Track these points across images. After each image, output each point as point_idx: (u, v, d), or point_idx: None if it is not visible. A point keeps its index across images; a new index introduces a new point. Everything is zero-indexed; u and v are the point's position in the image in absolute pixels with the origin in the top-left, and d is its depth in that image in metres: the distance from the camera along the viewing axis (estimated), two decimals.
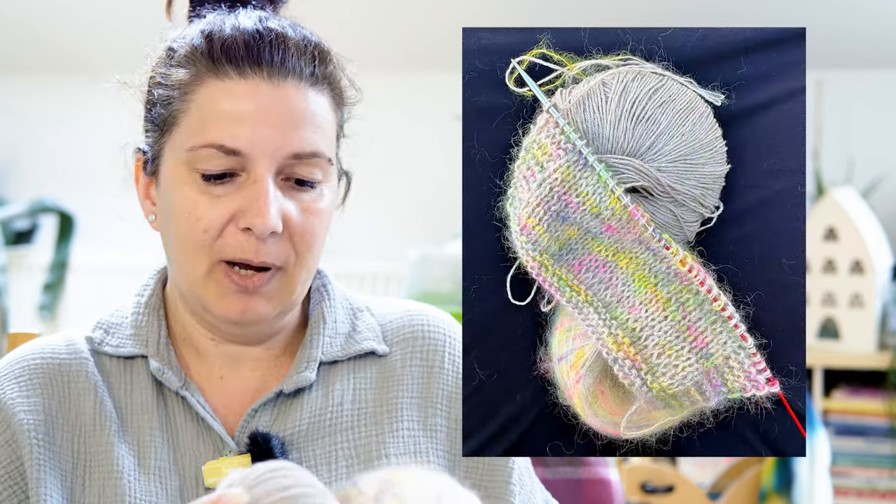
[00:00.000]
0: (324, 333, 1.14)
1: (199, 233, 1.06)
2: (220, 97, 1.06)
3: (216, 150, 1.05)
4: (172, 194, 1.07)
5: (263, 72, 1.06)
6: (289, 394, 1.11)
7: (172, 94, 1.08)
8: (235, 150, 1.04)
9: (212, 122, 1.05)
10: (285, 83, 1.06)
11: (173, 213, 1.07)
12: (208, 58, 1.07)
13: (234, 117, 1.05)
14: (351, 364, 1.14)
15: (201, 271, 1.07)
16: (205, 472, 1.08)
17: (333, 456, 1.10)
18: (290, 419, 1.11)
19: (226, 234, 1.06)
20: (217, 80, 1.06)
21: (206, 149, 1.05)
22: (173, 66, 1.09)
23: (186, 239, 1.06)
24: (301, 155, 1.06)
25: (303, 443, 1.10)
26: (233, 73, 1.06)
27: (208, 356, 1.13)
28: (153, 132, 1.10)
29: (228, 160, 1.05)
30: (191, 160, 1.06)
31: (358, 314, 1.18)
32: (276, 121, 1.05)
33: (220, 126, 1.05)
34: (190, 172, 1.06)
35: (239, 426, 1.10)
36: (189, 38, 1.09)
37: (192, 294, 1.09)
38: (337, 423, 1.11)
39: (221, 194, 1.05)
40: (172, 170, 1.08)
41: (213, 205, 1.05)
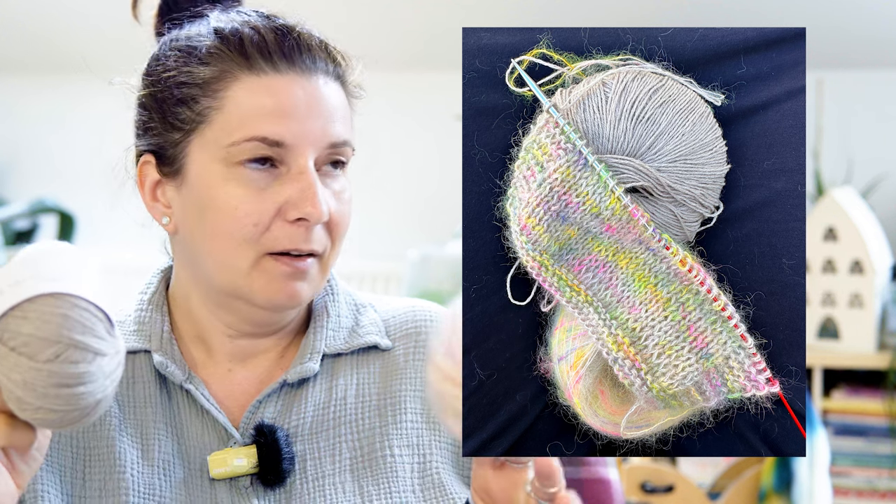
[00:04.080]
0: (327, 326, 1.16)
1: (248, 227, 1.07)
2: (258, 92, 1.07)
3: (260, 142, 1.06)
4: (211, 191, 1.08)
5: (296, 67, 1.08)
6: (293, 385, 1.13)
7: (196, 91, 1.08)
8: (279, 142, 1.07)
9: (254, 117, 1.07)
10: (315, 77, 1.09)
11: (212, 210, 1.08)
12: (239, 54, 1.08)
13: (278, 111, 1.07)
14: (354, 358, 1.16)
15: (247, 264, 1.08)
16: (210, 462, 1.09)
17: (337, 448, 1.12)
18: (295, 411, 1.12)
19: (273, 228, 1.07)
20: (252, 76, 1.08)
21: (249, 142, 1.07)
22: (196, 64, 1.09)
23: (231, 234, 1.07)
24: (336, 144, 1.10)
25: (307, 435, 1.12)
26: (267, 69, 1.08)
27: (219, 350, 1.14)
28: (169, 132, 1.10)
29: (271, 152, 1.07)
30: (231, 155, 1.07)
31: (361, 309, 1.20)
32: (315, 113, 1.08)
33: (264, 120, 1.06)
34: (229, 168, 1.07)
35: (244, 418, 1.11)
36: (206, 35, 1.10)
37: (232, 287, 1.10)
38: (341, 416, 1.13)
39: (264, 187, 1.07)
40: (206, 167, 1.08)
41: (259, 198, 1.07)
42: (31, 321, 0.89)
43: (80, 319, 0.90)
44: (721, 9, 3.38)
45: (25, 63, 4.02)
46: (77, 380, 0.89)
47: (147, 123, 1.12)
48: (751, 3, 3.39)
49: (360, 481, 1.11)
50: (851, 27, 3.38)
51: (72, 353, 0.89)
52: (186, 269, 1.14)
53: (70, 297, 0.90)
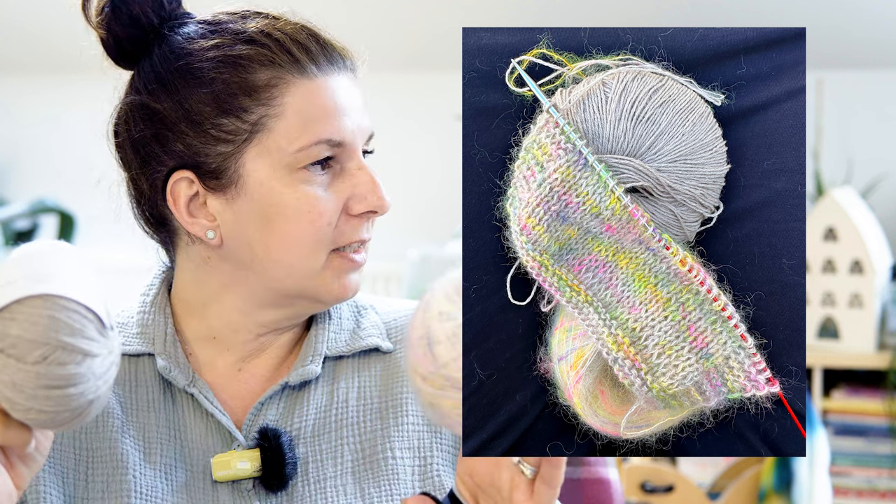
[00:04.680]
0: (329, 329, 1.16)
1: (323, 227, 1.09)
2: (314, 95, 1.09)
3: (325, 144, 1.09)
4: (279, 198, 1.08)
5: (332, 67, 1.11)
6: (295, 388, 1.13)
7: (246, 101, 1.08)
8: (341, 142, 1.10)
9: (316, 120, 1.08)
10: (344, 75, 1.12)
11: (282, 217, 1.08)
12: (289, 59, 1.09)
13: (335, 112, 1.09)
14: (356, 360, 1.16)
15: (320, 264, 1.10)
16: (213, 464, 1.09)
17: (339, 451, 1.12)
18: (297, 414, 1.12)
19: (339, 223, 1.10)
20: (305, 80, 1.09)
21: (316, 146, 1.08)
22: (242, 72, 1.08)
23: (306, 237, 1.09)
24: (371, 136, 1.14)
25: (309, 438, 1.12)
26: (316, 71, 1.10)
27: (235, 351, 1.14)
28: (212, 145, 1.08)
29: (332, 152, 1.09)
30: (297, 161, 1.08)
31: (362, 312, 1.20)
32: (357, 108, 1.12)
33: (326, 122, 1.09)
34: (294, 173, 1.08)
35: (246, 420, 1.11)
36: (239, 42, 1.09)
37: (300, 288, 1.11)
38: (343, 419, 1.13)
39: (327, 185, 1.09)
40: (269, 175, 1.08)
41: (328, 198, 1.09)
42: (19, 323, 0.89)
43: (68, 321, 0.89)
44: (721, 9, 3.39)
45: (25, 63, 4.02)
46: (66, 381, 0.89)
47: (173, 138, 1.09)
48: (751, 3, 3.39)
49: (361, 484, 1.11)
50: (851, 27, 3.38)
51: (60, 354, 0.88)
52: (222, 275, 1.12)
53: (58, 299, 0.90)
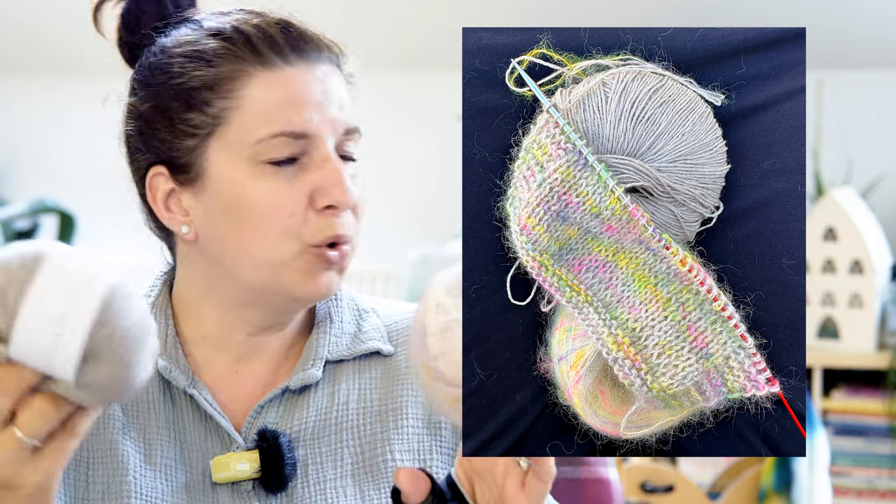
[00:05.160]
0: (330, 332, 1.16)
1: (285, 218, 1.07)
2: (275, 86, 1.08)
3: (287, 137, 1.07)
4: (241, 191, 1.07)
5: (302, 58, 1.09)
6: (295, 391, 1.13)
7: (208, 95, 1.08)
8: (304, 134, 1.07)
9: (275, 111, 1.07)
10: (320, 67, 1.10)
11: (245, 209, 1.07)
12: (250, 51, 1.08)
13: (297, 103, 1.07)
14: (357, 363, 1.16)
15: (287, 256, 1.08)
16: (213, 466, 1.08)
17: (339, 454, 1.12)
18: (297, 417, 1.12)
19: (309, 219, 1.08)
20: (266, 71, 1.08)
21: (276, 138, 1.07)
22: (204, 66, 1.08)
23: (268, 230, 1.07)
24: (350, 130, 1.11)
25: (308, 440, 1.12)
26: (279, 62, 1.08)
27: (228, 352, 1.14)
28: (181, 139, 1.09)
29: (296, 144, 1.07)
30: (257, 153, 1.07)
31: (364, 315, 1.19)
32: (328, 101, 1.09)
33: (286, 113, 1.07)
34: (256, 165, 1.07)
35: (246, 422, 1.11)
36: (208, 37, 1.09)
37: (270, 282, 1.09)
38: (343, 422, 1.13)
39: (292, 178, 1.08)
40: (230, 168, 1.08)
41: (291, 188, 1.07)
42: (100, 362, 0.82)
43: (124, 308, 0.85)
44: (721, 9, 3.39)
45: (25, 63, 4.02)
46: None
47: (151, 135, 1.10)
48: (751, 3, 3.39)
49: (361, 486, 1.11)
50: (851, 27, 3.39)
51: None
52: (203, 273, 1.13)
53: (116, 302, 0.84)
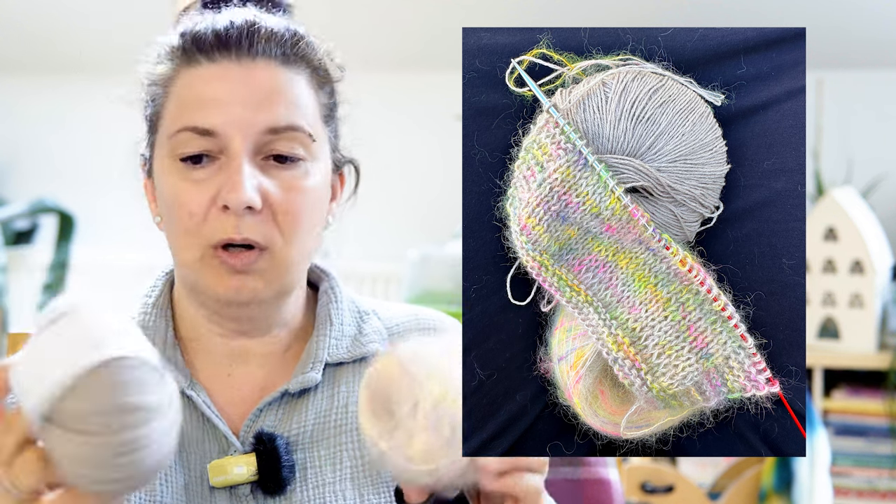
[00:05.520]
0: (330, 335, 1.15)
1: (186, 218, 1.07)
2: (193, 83, 1.08)
3: (191, 132, 1.06)
4: (161, 186, 1.10)
5: (232, 55, 1.08)
6: (294, 394, 1.12)
7: (158, 91, 1.11)
8: (209, 130, 1.06)
9: (186, 107, 1.07)
10: (254, 64, 1.08)
11: (165, 205, 1.10)
12: (182, 51, 1.10)
13: (206, 99, 1.07)
14: (356, 366, 1.15)
15: (195, 256, 1.08)
16: (210, 470, 1.08)
17: (338, 457, 1.11)
18: (296, 419, 1.11)
19: (209, 218, 1.06)
20: (190, 69, 1.09)
21: (182, 132, 1.07)
22: (156, 64, 1.12)
23: (177, 226, 1.08)
24: (276, 129, 1.07)
25: (307, 443, 1.11)
26: (203, 60, 1.08)
27: (216, 354, 1.14)
28: (148, 133, 1.13)
29: (204, 142, 1.06)
30: (172, 148, 1.08)
31: (364, 317, 1.19)
32: (246, 99, 1.07)
33: (194, 109, 1.07)
34: (173, 161, 1.08)
35: (244, 426, 1.11)
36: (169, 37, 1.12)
37: (190, 282, 1.10)
38: (342, 425, 1.12)
39: (202, 178, 1.07)
40: (160, 162, 1.10)
41: (195, 189, 1.07)
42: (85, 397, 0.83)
43: (132, 381, 0.85)
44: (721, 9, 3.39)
45: (25, 63, 4.02)
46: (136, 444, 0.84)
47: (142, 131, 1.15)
48: (751, 3, 3.39)
49: (360, 490, 1.10)
50: (851, 27, 3.38)
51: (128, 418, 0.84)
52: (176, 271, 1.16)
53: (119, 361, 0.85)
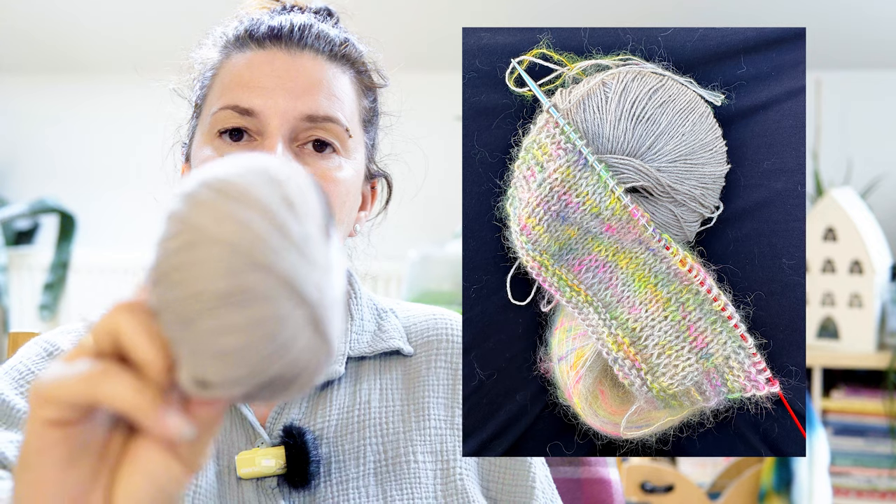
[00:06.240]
0: (351, 329, 1.17)
1: None
2: (239, 66, 1.11)
3: (232, 110, 1.08)
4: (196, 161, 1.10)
5: (282, 45, 1.11)
6: (317, 387, 1.13)
7: (207, 75, 1.14)
8: (249, 110, 1.08)
9: (231, 87, 1.10)
10: (301, 54, 1.11)
11: None
12: (235, 39, 1.13)
13: (251, 81, 1.09)
14: (377, 363, 1.16)
15: None
16: (238, 461, 1.08)
17: (362, 451, 1.11)
18: (320, 414, 1.12)
19: None
20: (239, 54, 1.12)
21: (224, 110, 1.09)
22: (209, 49, 1.15)
23: None
24: (314, 117, 1.09)
25: (331, 438, 1.11)
26: (254, 46, 1.11)
27: None
28: (192, 118, 1.15)
29: (244, 120, 1.08)
30: (212, 124, 1.09)
31: (383, 315, 1.20)
32: (290, 84, 1.09)
33: (238, 89, 1.09)
34: (211, 136, 1.10)
35: (269, 418, 1.11)
36: (224, 27, 1.15)
37: None
38: (365, 420, 1.13)
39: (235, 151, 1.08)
40: (198, 139, 1.12)
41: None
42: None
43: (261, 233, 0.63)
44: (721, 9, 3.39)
45: (25, 63, 4.02)
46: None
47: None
48: (751, 3, 3.39)
49: (383, 485, 1.11)
50: (851, 27, 3.39)
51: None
52: None
53: None
